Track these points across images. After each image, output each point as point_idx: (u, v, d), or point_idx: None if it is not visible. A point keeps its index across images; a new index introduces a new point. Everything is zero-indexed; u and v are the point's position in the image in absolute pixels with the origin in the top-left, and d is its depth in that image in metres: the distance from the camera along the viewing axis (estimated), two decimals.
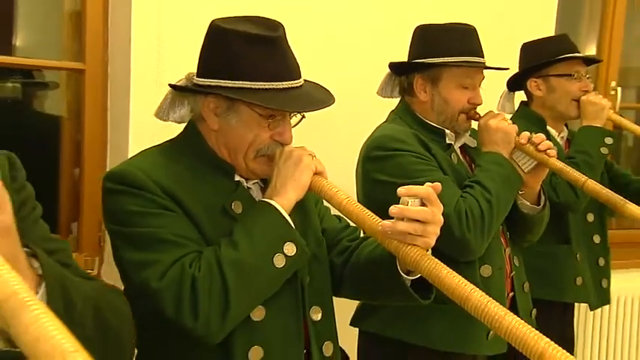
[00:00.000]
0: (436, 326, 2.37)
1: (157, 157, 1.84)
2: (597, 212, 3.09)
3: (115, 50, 2.99)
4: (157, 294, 1.64)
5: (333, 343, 1.92)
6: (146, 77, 2.83)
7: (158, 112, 1.92)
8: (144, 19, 2.84)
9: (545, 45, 3.02)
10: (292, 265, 1.73)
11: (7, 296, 0.82)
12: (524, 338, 1.36)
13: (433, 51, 2.44)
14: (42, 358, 0.76)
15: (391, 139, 2.39)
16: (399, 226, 1.60)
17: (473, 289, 1.49)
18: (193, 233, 1.74)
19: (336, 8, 3.17)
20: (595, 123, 2.93)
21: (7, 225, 1.02)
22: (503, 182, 2.36)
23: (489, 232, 2.31)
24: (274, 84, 1.75)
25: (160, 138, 1.96)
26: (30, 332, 0.79)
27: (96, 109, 3.01)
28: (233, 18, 1.83)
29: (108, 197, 1.77)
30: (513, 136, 2.42)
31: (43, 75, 3.62)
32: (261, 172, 1.85)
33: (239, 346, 1.74)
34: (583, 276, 3.02)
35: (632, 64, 4.68)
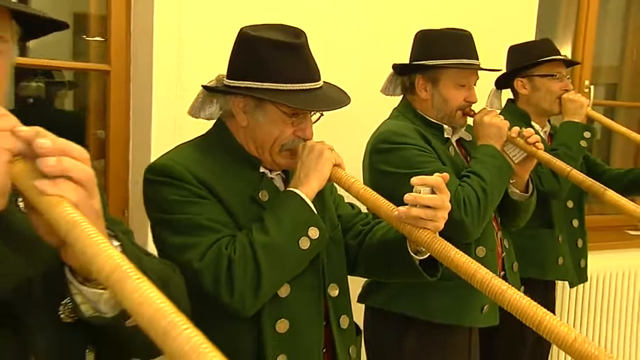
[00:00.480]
0: (435, 301, 2.43)
1: (191, 152, 1.89)
2: (576, 199, 3.16)
3: (138, 53, 2.99)
4: (197, 273, 1.70)
5: (348, 317, 1.99)
6: (167, 78, 2.84)
7: (191, 110, 1.97)
8: (165, 24, 2.85)
9: (530, 48, 3.08)
10: (316, 247, 1.80)
11: (113, 269, 0.88)
12: (524, 309, 1.44)
13: (433, 54, 2.49)
14: (146, 318, 0.83)
15: (395, 134, 2.45)
16: (412, 212, 1.67)
17: (479, 267, 1.56)
18: (226, 219, 1.80)
19: (344, 17, 3.21)
20: (575, 119, 2.99)
21: (98, 209, 1.04)
22: (497, 172, 2.41)
23: (485, 217, 2.37)
24: (298, 85, 1.80)
25: (179, 134, 1.99)
26: (134, 298, 0.85)
27: (120, 107, 3.03)
28: (260, 26, 1.88)
29: (150, 188, 1.83)
30: (505, 130, 2.49)
31: (63, 75, 3.66)
32: (284, 164, 1.91)
33: (267, 319, 1.81)
34: (564, 256, 3.10)
35: (602, 64, 4.73)
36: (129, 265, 0.89)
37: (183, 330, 0.80)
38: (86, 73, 3.23)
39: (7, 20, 1.15)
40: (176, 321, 0.82)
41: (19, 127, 1.01)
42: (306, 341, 1.87)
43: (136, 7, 2.98)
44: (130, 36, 3.01)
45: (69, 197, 0.97)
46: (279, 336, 1.83)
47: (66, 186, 0.98)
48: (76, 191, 0.99)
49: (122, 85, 3.04)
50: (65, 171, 0.99)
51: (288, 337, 1.84)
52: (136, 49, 3.01)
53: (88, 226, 0.94)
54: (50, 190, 0.97)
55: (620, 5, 4.73)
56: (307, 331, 1.88)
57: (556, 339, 1.37)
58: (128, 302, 0.86)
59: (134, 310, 0.85)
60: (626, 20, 4.76)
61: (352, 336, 2.02)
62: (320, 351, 1.90)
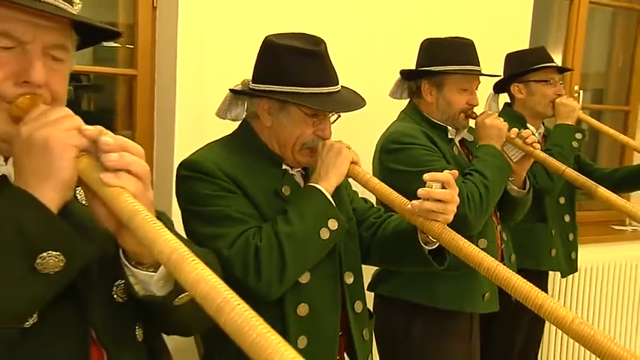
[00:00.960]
0: (441, 289, 2.45)
1: (220, 150, 1.92)
2: (568, 196, 3.18)
3: (163, 59, 3.01)
4: (227, 260, 1.73)
5: (362, 302, 2.03)
6: (189, 81, 2.86)
7: (218, 112, 2.00)
8: (188, 32, 2.87)
9: (526, 55, 3.10)
10: (335, 238, 1.83)
11: (172, 251, 0.93)
12: (527, 293, 1.46)
13: (438, 60, 2.52)
14: (202, 295, 0.88)
15: (403, 135, 2.47)
16: (425, 205, 1.70)
17: (485, 255, 1.58)
18: (253, 211, 1.83)
19: (355, 28, 3.24)
20: (567, 121, 3.01)
21: (151, 200, 1.11)
22: (497, 170, 2.43)
23: (486, 212, 2.39)
24: (318, 89, 1.83)
25: (200, 134, 2.00)
26: (192, 277, 0.90)
27: (145, 109, 3.06)
28: (283, 34, 1.91)
29: (183, 182, 1.86)
30: (505, 131, 2.51)
31: (90, 79, 3.68)
32: (305, 162, 1.94)
33: (290, 303, 1.84)
34: (557, 249, 3.12)
35: (590, 70, 4.75)
36: (185, 248, 0.93)
37: (235, 305, 0.84)
38: (112, 78, 3.24)
39: (69, 30, 1.21)
40: (229, 298, 0.86)
41: (84, 126, 1.07)
42: (324, 324, 1.90)
43: (161, 16, 3.00)
44: (155, 43, 3.03)
45: (129, 188, 1.03)
46: (300, 319, 1.86)
47: (126, 178, 1.04)
48: (135, 183, 1.05)
49: (147, 89, 3.07)
50: (126, 165, 1.05)
51: (308, 320, 1.87)
52: (160, 55, 3.03)
53: (148, 214, 0.99)
54: (113, 181, 1.03)
55: (607, 17, 4.77)
56: (325, 315, 1.91)
57: (555, 320, 1.39)
58: (185, 281, 0.91)
59: (191, 288, 0.89)
60: (612, 31, 4.79)
61: (366, 320, 2.05)
62: (337, 333, 1.93)
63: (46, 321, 1.10)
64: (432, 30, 2.69)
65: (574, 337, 1.36)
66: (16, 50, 1.13)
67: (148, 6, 3.01)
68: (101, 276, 1.22)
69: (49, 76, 1.15)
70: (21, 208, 1.01)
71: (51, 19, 1.14)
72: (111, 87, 3.39)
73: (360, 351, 1.99)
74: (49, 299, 1.05)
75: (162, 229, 0.97)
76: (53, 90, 1.17)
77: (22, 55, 1.13)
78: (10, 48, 1.12)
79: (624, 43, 4.77)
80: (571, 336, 1.37)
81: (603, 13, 4.72)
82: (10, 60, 1.12)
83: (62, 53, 1.19)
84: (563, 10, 4.37)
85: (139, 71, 3.05)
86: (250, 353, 0.81)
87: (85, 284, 1.18)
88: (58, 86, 1.19)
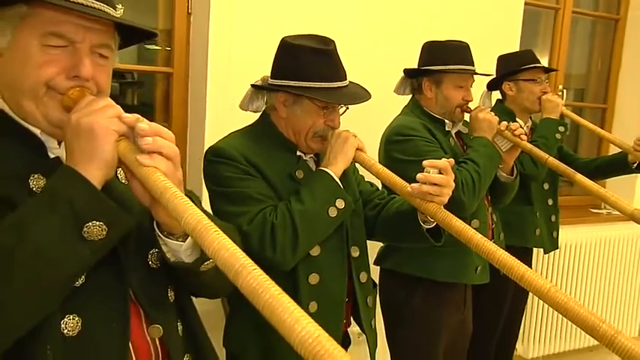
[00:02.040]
0: (438, 263, 2.42)
1: (241, 138, 1.90)
2: (551, 183, 3.14)
3: (196, 59, 3.00)
4: (246, 235, 1.72)
5: (367, 273, 2.00)
6: (219, 80, 2.85)
7: (241, 104, 1.98)
8: (218, 36, 2.87)
9: (515, 57, 3.05)
10: (342, 215, 1.81)
11: (197, 223, 0.93)
12: (510, 265, 1.44)
13: (437, 60, 2.49)
14: (222, 261, 0.88)
15: (406, 128, 2.44)
16: (423, 188, 1.68)
17: (475, 232, 1.56)
18: (270, 192, 1.82)
19: (362, 30, 3.21)
20: (552, 116, 2.97)
21: (180, 179, 1.11)
22: (489, 159, 2.40)
23: (478, 196, 2.36)
24: (329, 84, 1.81)
25: (228, 125, 1.99)
26: (214, 245, 0.90)
27: (180, 103, 3.05)
28: (298, 36, 1.88)
29: (210, 166, 1.84)
30: (495, 124, 2.47)
31: (133, 76, 3.67)
32: (316, 148, 1.91)
33: (302, 273, 1.83)
34: (540, 228, 3.08)
35: (572, 72, 4.71)
36: (208, 221, 0.94)
37: (252, 270, 0.85)
38: (152, 75, 3.24)
39: (112, 32, 1.23)
40: (246, 264, 0.86)
41: (124, 114, 1.10)
42: (332, 291, 1.89)
43: (194, 21, 2.99)
44: (189, 45, 3.02)
45: (161, 168, 1.05)
46: (311, 287, 1.84)
47: (159, 159, 1.06)
48: (167, 164, 1.07)
49: (182, 85, 3.06)
50: (159, 148, 1.07)
51: (318, 288, 1.85)
52: (193, 55, 3.02)
53: (177, 191, 1.01)
54: (147, 162, 1.05)
55: (587, 26, 4.74)
56: (333, 284, 1.89)
57: (534, 289, 1.37)
58: (208, 249, 0.91)
59: (213, 255, 0.90)
60: (592, 37, 4.77)
61: (370, 288, 2.03)
62: (343, 299, 1.91)
63: (92, 282, 1.13)
64: (432, 34, 2.65)
65: (550, 304, 1.34)
66: (67, 49, 1.15)
67: (183, 12, 3.01)
68: (138, 245, 1.24)
69: (95, 71, 1.17)
70: (71, 184, 1.04)
71: (98, 21, 1.16)
72: (151, 84, 3.38)
73: (364, 315, 1.98)
74: (94, 263, 1.08)
75: (188, 204, 0.97)
76: (99, 83, 1.19)
77: (72, 53, 1.15)
78: (63, 47, 1.15)
79: (603, 48, 4.74)
80: (547, 303, 1.35)
81: (585, 21, 4.70)
82: (62, 57, 1.15)
83: (107, 51, 1.22)
84: (549, 19, 4.36)
85: (174, 69, 3.04)
86: (264, 312, 0.81)
87: (124, 251, 1.20)
88: (103, 80, 1.21)
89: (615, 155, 3.18)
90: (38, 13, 1.13)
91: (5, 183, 1.09)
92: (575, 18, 4.41)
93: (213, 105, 2.87)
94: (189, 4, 2.99)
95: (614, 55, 4.64)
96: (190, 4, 2.99)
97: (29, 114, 1.16)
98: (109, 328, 1.15)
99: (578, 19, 4.58)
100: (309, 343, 0.75)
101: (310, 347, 0.75)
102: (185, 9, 3.00)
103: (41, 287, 1.00)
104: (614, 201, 2.18)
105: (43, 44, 1.13)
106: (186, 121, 3.07)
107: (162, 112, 3.20)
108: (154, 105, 3.31)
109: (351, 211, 1.88)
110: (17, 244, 0.98)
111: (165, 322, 1.25)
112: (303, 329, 0.77)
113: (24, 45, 1.13)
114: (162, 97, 3.21)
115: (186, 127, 3.07)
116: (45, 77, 1.14)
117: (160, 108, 3.23)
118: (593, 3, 4.68)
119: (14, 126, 1.18)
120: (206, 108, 2.91)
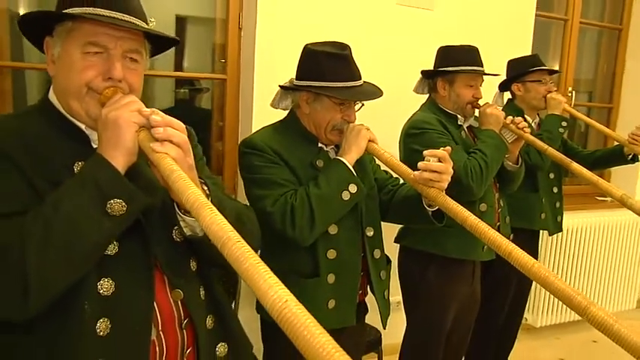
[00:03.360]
0: (450, 241, 2.33)
1: (270, 132, 1.86)
2: (556, 172, 2.99)
3: (245, 68, 3.00)
4: (270, 214, 1.69)
5: (380, 250, 1.94)
6: (264, 85, 2.82)
7: (272, 103, 1.94)
8: (263, 49, 2.87)
9: (523, 61, 2.92)
10: (354, 199, 1.75)
11: (194, 201, 0.94)
12: (499, 243, 1.38)
13: (450, 62, 2.40)
14: (213, 233, 0.88)
15: (422, 122, 2.36)
16: (424, 175, 1.62)
17: (470, 214, 1.50)
18: (292, 178, 1.77)
19: (386, 38, 3.16)
20: (555, 112, 2.84)
21: (191, 163, 1.12)
22: (496, 149, 2.31)
23: (486, 182, 2.27)
24: (344, 83, 1.76)
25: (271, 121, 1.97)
26: (206, 220, 0.90)
27: (233, 105, 3.05)
28: (318, 43, 1.84)
29: (242, 156, 1.81)
30: (502, 118, 2.38)
31: (200, 83, 3.69)
32: (335, 140, 1.85)
33: (321, 249, 1.78)
34: (545, 213, 2.95)
35: (582, 77, 4.57)
36: (204, 199, 0.94)
37: (236, 242, 0.85)
38: (213, 82, 3.25)
39: (142, 40, 1.25)
40: (231, 236, 0.86)
41: (144, 108, 1.12)
42: (348, 266, 1.83)
43: (244, 36, 2.99)
44: (240, 57, 3.02)
45: (171, 154, 1.06)
46: (329, 261, 1.79)
47: (169, 146, 1.07)
48: (176, 150, 1.07)
49: (234, 90, 3.05)
50: (169, 137, 1.08)
51: (335, 262, 1.80)
52: (244, 65, 3.02)
53: (181, 173, 1.01)
54: (159, 149, 1.06)
55: (595, 35, 4.57)
56: (350, 259, 1.83)
57: (520, 264, 1.30)
58: (203, 222, 0.91)
59: (206, 228, 0.90)
60: (598, 45, 4.61)
61: (383, 264, 1.96)
62: (358, 273, 1.86)
63: (123, 252, 1.15)
64: (451, 40, 2.56)
65: (533, 278, 1.28)
66: (103, 55, 1.18)
67: (235, 27, 3.00)
68: (162, 221, 1.24)
69: (126, 73, 1.19)
70: (98, 167, 1.07)
71: (128, 31, 1.19)
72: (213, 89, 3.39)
73: (377, 287, 1.91)
74: (117, 235, 1.11)
75: (190, 185, 0.97)
76: (130, 83, 1.21)
77: (107, 58, 1.18)
78: (100, 53, 1.18)
79: (608, 54, 4.58)
80: (531, 277, 1.28)
81: (592, 31, 4.53)
82: (99, 62, 1.18)
83: (137, 56, 1.23)
84: (559, 29, 4.21)
85: (228, 76, 3.04)
86: (244, 277, 0.81)
87: (150, 227, 1.21)
88: (134, 80, 1.22)
89: (613, 148, 3.04)
90: (80, 27, 1.17)
91: (57, 170, 1.13)
92: (583, 28, 4.25)
93: (258, 105, 2.86)
94: (240, 20, 2.98)
95: (619, 60, 4.51)
96: (241, 20, 2.99)
97: (75, 111, 1.20)
98: (137, 291, 1.16)
99: (586, 30, 4.42)
100: (278, 306, 0.74)
101: (279, 309, 0.74)
102: (237, 24, 3.00)
103: (72, 252, 1.03)
104: (606, 187, 2.07)
105: (83, 52, 1.17)
106: (238, 119, 3.07)
107: (219, 112, 3.20)
108: (213, 108, 3.33)
109: (364, 194, 1.81)
110: (53, 215, 1.01)
111: (186, 288, 1.25)
112: (275, 293, 0.76)
113: (69, 54, 1.18)
114: (218, 100, 3.22)
115: (238, 124, 3.07)
116: (85, 80, 1.17)
117: (217, 109, 3.24)
118: (600, 14, 4.52)
119: (65, 122, 1.22)
120: (252, 108, 2.91)
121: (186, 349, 1.24)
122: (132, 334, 1.13)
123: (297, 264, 1.79)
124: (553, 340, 3.88)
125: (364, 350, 2.63)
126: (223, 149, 3.09)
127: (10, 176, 1.09)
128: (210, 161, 3.18)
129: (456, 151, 2.29)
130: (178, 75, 3.28)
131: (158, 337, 1.19)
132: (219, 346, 1.30)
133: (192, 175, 1.09)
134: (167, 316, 1.21)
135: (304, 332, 0.70)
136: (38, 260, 0.98)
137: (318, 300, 1.77)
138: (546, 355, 3.70)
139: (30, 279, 0.98)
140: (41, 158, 1.13)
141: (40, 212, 1.02)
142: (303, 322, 0.71)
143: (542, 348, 3.79)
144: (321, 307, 1.77)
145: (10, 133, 1.14)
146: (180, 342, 1.22)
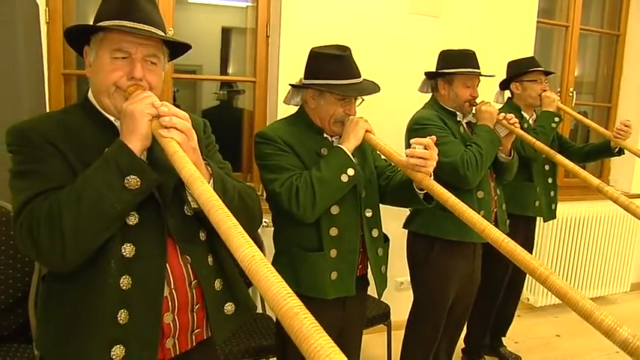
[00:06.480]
0: (450, 225, 2.31)
1: (281, 124, 1.89)
2: (551, 164, 2.93)
3: (271, 71, 3.03)
4: (278, 195, 1.73)
5: (378, 230, 1.94)
6: (287, 86, 2.79)
7: (285, 100, 1.97)
8: (287, 58, 2.91)
9: (521, 62, 2.87)
10: (352, 181, 1.76)
11: (189, 176, 1.00)
12: (474, 221, 1.35)
13: (450, 65, 2.40)
14: (202, 202, 0.92)
15: (424, 118, 2.36)
16: (411, 161, 1.63)
17: (450, 196, 1.46)
18: (299, 164, 1.80)
19: (396, 41, 3.14)
20: (549, 109, 2.79)
21: (194, 147, 1.17)
22: (490, 142, 2.29)
23: (481, 172, 2.26)
24: (345, 81, 1.77)
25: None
26: (197, 191, 0.95)
27: (260, 104, 3.09)
28: (323, 46, 1.85)
29: (256, 146, 1.83)
30: (495, 115, 2.36)
31: (238, 85, 3.75)
32: (337, 131, 1.86)
33: (324, 226, 1.80)
34: (540, 201, 2.90)
35: (584, 80, 4.48)
36: (199, 175, 0.99)
37: (219, 208, 0.88)
38: (245, 84, 3.31)
39: (160, 46, 1.32)
40: (217, 204, 0.89)
41: (156, 101, 1.18)
42: (348, 242, 1.85)
43: (270, 48, 3.03)
44: (268, 63, 3.06)
45: (176, 139, 1.12)
46: (331, 237, 1.81)
47: (174, 132, 1.13)
48: (180, 136, 1.13)
49: (262, 91, 3.10)
50: (174, 124, 1.14)
51: (337, 239, 1.82)
52: (270, 68, 3.05)
53: (182, 154, 1.07)
54: (166, 134, 1.13)
55: (595, 40, 4.45)
56: (350, 236, 1.85)
57: (492, 240, 1.28)
58: (195, 194, 0.96)
59: (197, 198, 0.95)
60: (598, 50, 4.49)
61: (380, 242, 1.95)
62: (357, 249, 1.87)
63: (142, 222, 1.23)
64: (456, 45, 2.55)
65: (502, 251, 1.25)
66: (127, 60, 1.26)
67: (263, 36, 3.04)
68: (175, 197, 1.30)
69: (146, 74, 1.26)
70: (118, 150, 1.15)
71: (148, 39, 1.26)
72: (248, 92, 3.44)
73: (374, 262, 1.92)
74: (134, 206, 1.18)
75: (187, 163, 1.03)
76: (149, 81, 1.27)
77: (130, 62, 1.26)
78: (124, 58, 1.26)
79: (607, 58, 4.45)
80: (501, 250, 1.26)
81: (593, 37, 4.41)
82: (124, 65, 1.25)
83: (155, 59, 1.30)
84: (561, 36, 4.12)
85: (257, 79, 3.08)
86: (223, 238, 0.84)
87: (164, 202, 1.27)
88: (152, 79, 1.28)
89: (601, 142, 2.94)
90: (109, 36, 1.25)
91: (91, 155, 1.19)
92: (583, 34, 4.14)
93: (283, 106, 2.83)
94: (267, 29, 3.02)
95: (617, 63, 4.38)
96: (268, 29, 3.02)
97: (107, 107, 1.28)
98: (153, 254, 1.24)
99: (587, 35, 4.30)
100: (247, 260, 0.78)
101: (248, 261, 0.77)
102: (264, 33, 3.04)
103: (98, 218, 1.12)
104: (584, 176, 2.03)
105: (112, 57, 1.25)
106: (266, 116, 3.11)
107: (249, 113, 3.24)
108: (244, 105, 3.39)
109: (362, 177, 1.82)
110: (84, 189, 1.12)
111: (194, 254, 1.31)
112: (245, 250, 0.80)
113: (101, 59, 1.26)
114: (249, 100, 3.27)
115: (265, 121, 3.10)
116: (113, 80, 1.25)
117: (247, 110, 3.29)
118: (599, 21, 4.40)
119: (99, 116, 1.30)
120: (277, 106, 2.95)
121: (195, 304, 1.31)
122: (148, 289, 1.22)
123: (304, 239, 1.82)
124: (551, 319, 3.82)
125: (376, 322, 2.67)
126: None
127: (55, 160, 1.19)
128: (241, 154, 3.24)
129: (455, 144, 2.30)
130: (214, 78, 3.35)
131: (170, 293, 1.26)
132: (227, 305, 1.37)
133: (194, 157, 1.14)
134: (178, 276, 1.28)
135: (263, 280, 0.74)
136: (72, 225, 1.09)
137: (321, 271, 1.80)
138: (544, 330, 3.64)
139: (66, 239, 1.09)
140: (79, 145, 1.23)
141: (74, 187, 1.12)
142: (264, 272, 0.75)
143: (541, 325, 3.73)
144: (324, 277, 1.80)
145: (57, 125, 1.24)
146: (189, 299, 1.29)
